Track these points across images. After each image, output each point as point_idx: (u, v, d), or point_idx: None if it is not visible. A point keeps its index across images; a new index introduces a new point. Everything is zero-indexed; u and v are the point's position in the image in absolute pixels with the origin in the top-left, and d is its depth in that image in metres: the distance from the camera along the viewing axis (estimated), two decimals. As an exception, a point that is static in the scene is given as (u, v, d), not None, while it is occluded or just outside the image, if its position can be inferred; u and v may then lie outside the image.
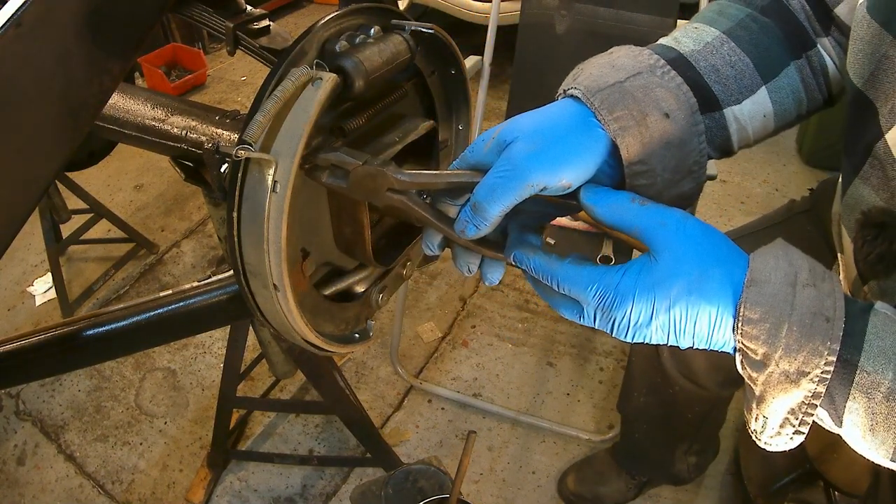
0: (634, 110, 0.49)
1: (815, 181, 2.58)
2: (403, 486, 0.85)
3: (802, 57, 0.60)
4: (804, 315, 0.41)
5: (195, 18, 1.05)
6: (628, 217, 0.46)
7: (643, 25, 1.59)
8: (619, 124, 0.49)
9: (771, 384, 0.42)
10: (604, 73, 0.52)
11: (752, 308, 0.42)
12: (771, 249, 0.45)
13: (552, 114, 0.51)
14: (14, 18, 0.43)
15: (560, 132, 0.49)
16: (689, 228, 0.45)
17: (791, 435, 0.44)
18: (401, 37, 0.59)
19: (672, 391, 1.08)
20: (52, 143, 0.50)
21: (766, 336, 0.41)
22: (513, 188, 0.46)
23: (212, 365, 1.83)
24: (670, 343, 0.46)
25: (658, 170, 0.51)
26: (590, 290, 0.45)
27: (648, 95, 0.50)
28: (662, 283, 0.44)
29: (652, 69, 0.52)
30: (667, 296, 0.43)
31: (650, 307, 0.44)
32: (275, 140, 0.49)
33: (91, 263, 2.14)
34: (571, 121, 0.50)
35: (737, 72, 0.56)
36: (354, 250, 0.62)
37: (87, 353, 0.82)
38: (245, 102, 3.00)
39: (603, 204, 0.47)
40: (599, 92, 0.50)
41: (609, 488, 1.45)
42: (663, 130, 0.50)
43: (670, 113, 0.50)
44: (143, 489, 1.55)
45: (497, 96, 2.71)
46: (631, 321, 0.45)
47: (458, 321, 1.94)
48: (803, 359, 0.41)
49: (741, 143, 0.59)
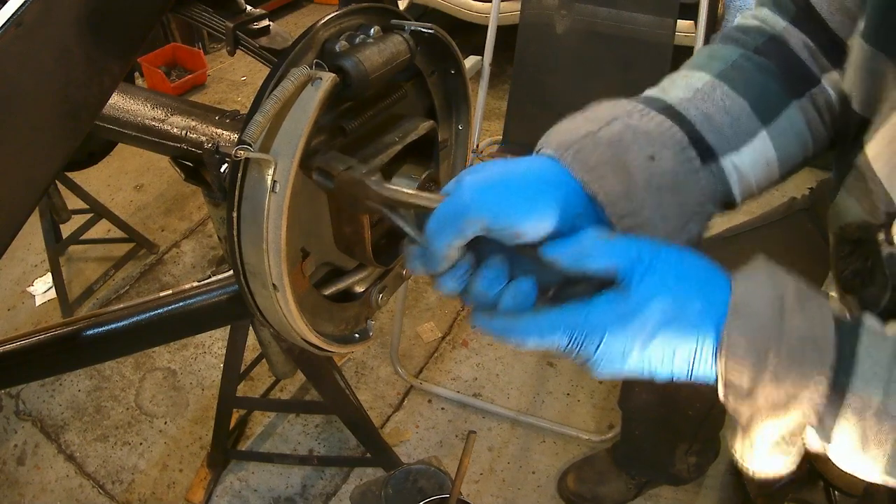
0: (611, 158, 0.46)
1: (814, 180, 2.56)
2: (403, 486, 0.85)
3: (805, 95, 0.56)
4: (792, 341, 0.39)
5: (195, 18, 1.05)
6: (597, 256, 0.42)
7: (643, 25, 1.59)
8: (595, 174, 0.46)
9: (759, 413, 0.40)
10: (576, 126, 0.49)
11: (736, 337, 0.39)
12: (753, 272, 0.42)
13: (522, 161, 0.47)
14: (14, 18, 0.43)
15: (520, 177, 0.45)
16: (663, 257, 0.42)
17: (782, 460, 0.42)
18: (401, 37, 0.59)
19: (673, 388, 1.08)
20: (52, 143, 0.50)
21: (752, 366, 0.39)
22: (453, 221, 0.43)
23: (212, 365, 1.83)
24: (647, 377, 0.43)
25: (655, 218, 0.47)
26: (558, 334, 0.42)
27: (624, 139, 0.47)
28: (636, 315, 0.40)
29: (629, 114, 0.49)
30: (642, 329, 0.40)
31: (623, 342, 0.41)
32: (274, 140, 0.49)
33: (91, 263, 2.14)
34: (539, 171, 0.46)
35: (732, 118, 0.52)
36: (354, 250, 0.62)
37: (87, 353, 0.82)
38: (245, 102, 3.00)
39: (565, 252, 0.42)
40: (571, 146, 0.47)
41: (609, 488, 1.45)
42: (650, 174, 0.46)
43: (655, 154, 0.47)
44: (143, 489, 1.55)
45: (497, 96, 2.71)
46: (605, 357, 0.41)
47: (458, 321, 1.94)
48: (792, 386, 0.39)
49: (744, 194, 0.54)
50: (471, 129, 0.78)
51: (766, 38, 0.57)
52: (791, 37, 0.57)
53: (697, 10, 1.53)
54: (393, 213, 0.50)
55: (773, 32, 0.58)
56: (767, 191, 0.57)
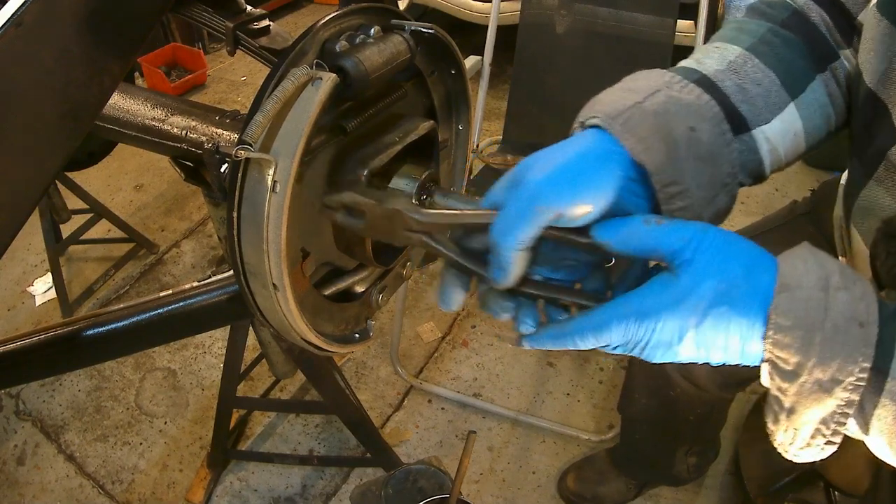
0: (658, 128, 0.48)
1: (815, 181, 2.59)
2: (403, 486, 0.85)
3: (827, 70, 0.57)
4: (838, 320, 0.39)
5: (195, 18, 1.05)
6: (646, 241, 0.43)
7: (643, 25, 1.59)
8: (644, 145, 0.47)
9: (803, 394, 0.40)
10: (620, 97, 0.50)
11: (783, 315, 0.40)
12: (799, 252, 0.43)
13: (569, 143, 0.49)
14: (14, 18, 0.43)
15: (576, 157, 0.46)
16: (710, 239, 0.43)
17: (822, 446, 0.42)
18: (401, 37, 0.59)
19: (673, 393, 1.08)
20: (52, 143, 0.50)
21: (800, 344, 0.39)
22: (526, 217, 0.44)
23: (212, 365, 1.83)
24: (701, 361, 0.44)
25: (693, 188, 0.48)
26: (613, 328, 0.43)
27: (670, 111, 0.49)
28: (687, 298, 0.41)
29: (669, 85, 0.51)
30: (694, 312, 0.41)
31: (677, 326, 0.42)
32: (275, 140, 0.49)
33: (91, 263, 2.14)
34: (589, 147, 0.48)
35: (763, 90, 0.53)
36: (354, 250, 0.62)
37: (87, 353, 0.82)
38: (245, 102, 3.00)
39: (616, 235, 0.44)
40: (619, 115, 0.48)
41: (609, 488, 1.45)
42: (691, 145, 0.48)
43: (695, 126, 0.49)
44: (143, 489, 1.55)
45: (497, 96, 2.71)
46: (660, 343, 0.42)
47: (458, 321, 1.94)
48: (837, 366, 0.39)
49: (773, 165, 0.56)
50: (471, 129, 0.78)
51: (790, 11, 0.59)
52: (811, 11, 0.59)
53: (697, 10, 1.53)
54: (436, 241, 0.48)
55: (796, 6, 0.59)
56: (793, 164, 0.58)
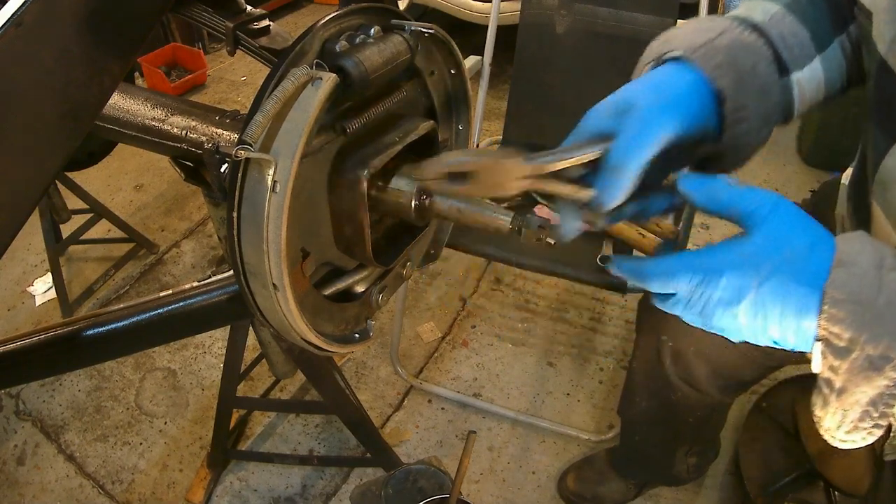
0: (729, 61, 0.55)
1: (814, 181, 2.59)
2: (403, 486, 0.85)
3: (844, 32, 0.64)
4: (892, 297, 0.41)
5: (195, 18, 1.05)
6: (725, 199, 0.48)
7: (643, 25, 1.59)
8: (721, 72, 0.55)
9: (854, 371, 0.42)
10: (694, 37, 0.58)
11: (839, 289, 0.42)
12: (856, 235, 0.46)
13: (662, 74, 0.57)
14: (14, 18, 0.43)
15: (676, 85, 0.54)
16: (782, 209, 0.46)
17: (870, 428, 0.44)
18: (401, 37, 0.59)
19: (674, 397, 1.08)
20: (52, 143, 0.50)
21: (853, 318, 0.41)
22: (647, 142, 0.50)
23: (212, 365, 1.83)
24: (757, 338, 0.46)
25: (752, 116, 0.56)
26: (680, 275, 0.46)
27: (735, 49, 0.57)
28: (754, 259, 0.45)
29: (731, 29, 0.59)
30: (757, 272, 0.44)
31: (739, 283, 0.45)
32: (275, 140, 0.49)
33: (91, 263, 2.14)
34: (681, 76, 0.55)
35: (798, 42, 0.61)
36: (354, 250, 0.62)
37: (87, 353, 0.82)
38: (245, 102, 3.00)
39: (700, 189, 0.49)
40: (698, 48, 0.56)
41: (609, 488, 1.45)
42: (753, 78, 0.56)
43: (755, 63, 0.57)
44: (143, 489, 1.55)
45: (497, 96, 2.71)
46: (721, 300, 0.45)
47: (458, 321, 1.94)
48: (887, 343, 0.41)
49: (800, 108, 0.64)
50: (471, 129, 0.78)
51: None
52: None
53: (697, 10, 1.53)
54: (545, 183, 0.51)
55: None
56: (812, 110, 0.67)
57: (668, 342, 1.01)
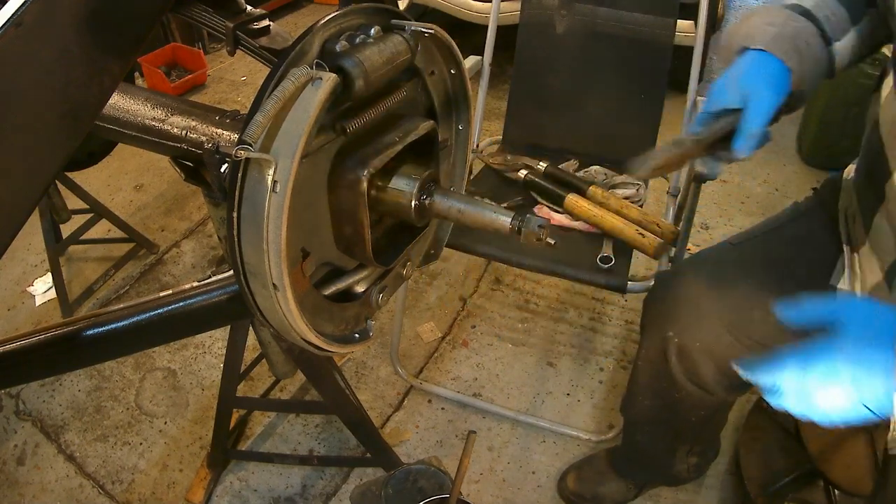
0: (794, 46, 0.76)
1: (814, 181, 2.59)
2: (403, 486, 0.85)
3: (871, 10, 0.82)
4: None
5: (195, 18, 1.05)
6: (811, 315, 0.60)
7: (643, 25, 1.59)
8: (788, 56, 0.75)
9: None
10: (765, 29, 0.78)
11: None
12: None
13: (757, 63, 0.77)
14: (14, 18, 0.43)
15: (772, 72, 0.75)
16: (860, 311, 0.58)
17: None
18: (401, 37, 0.59)
19: (678, 395, 1.08)
20: (52, 143, 0.50)
21: None
22: (768, 113, 0.72)
23: (212, 365, 1.83)
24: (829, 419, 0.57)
25: (809, 79, 0.78)
26: (786, 365, 0.58)
27: (796, 36, 0.77)
28: (830, 354, 0.56)
29: (787, 20, 0.79)
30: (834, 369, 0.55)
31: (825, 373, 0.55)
32: (275, 140, 0.49)
33: (91, 263, 2.14)
34: (769, 63, 0.76)
35: (838, 18, 0.80)
36: (354, 250, 0.62)
37: (87, 353, 0.82)
38: (245, 102, 3.00)
39: (797, 316, 0.61)
40: (773, 39, 0.76)
41: (609, 488, 1.45)
42: (808, 54, 0.77)
43: (808, 41, 0.78)
44: (143, 489, 1.55)
45: (497, 96, 2.71)
46: (827, 404, 0.56)
47: (458, 321, 1.94)
48: None
49: (838, 70, 0.83)
50: (471, 129, 0.78)
51: None
52: None
53: (697, 10, 1.52)
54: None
55: None
56: (849, 67, 0.86)
57: (674, 338, 1.01)
